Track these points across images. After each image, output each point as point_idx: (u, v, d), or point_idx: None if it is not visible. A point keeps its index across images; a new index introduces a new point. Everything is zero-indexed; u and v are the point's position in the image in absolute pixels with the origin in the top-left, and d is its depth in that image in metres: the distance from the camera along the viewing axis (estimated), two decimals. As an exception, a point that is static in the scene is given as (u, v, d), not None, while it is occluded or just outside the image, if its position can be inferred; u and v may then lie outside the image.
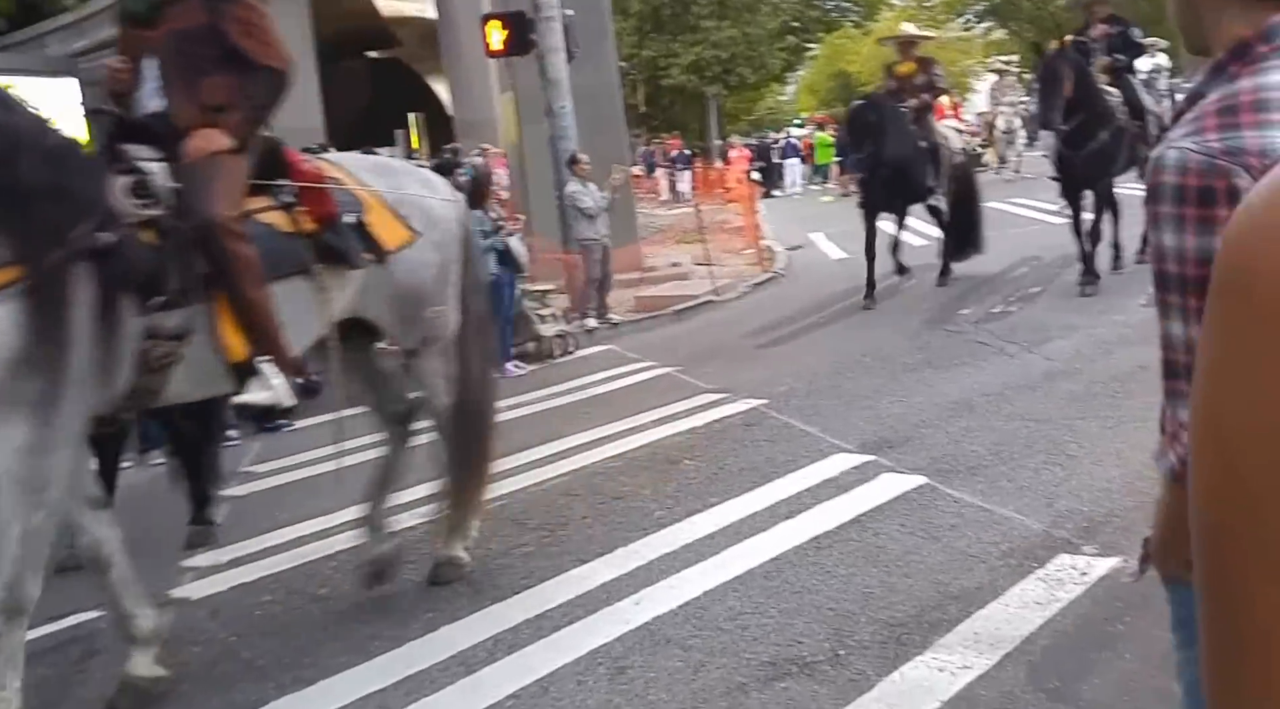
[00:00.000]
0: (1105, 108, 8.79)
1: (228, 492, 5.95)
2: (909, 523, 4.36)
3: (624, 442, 6.08)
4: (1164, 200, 1.26)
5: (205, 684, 3.59)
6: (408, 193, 4.09)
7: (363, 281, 3.87)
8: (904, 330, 8.38)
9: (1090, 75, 8.69)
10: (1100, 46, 9.39)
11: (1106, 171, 8.92)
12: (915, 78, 9.99)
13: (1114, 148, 8.88)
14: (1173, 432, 1.30)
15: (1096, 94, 8.70)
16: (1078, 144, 8.74)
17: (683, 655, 3.42)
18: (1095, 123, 8.64)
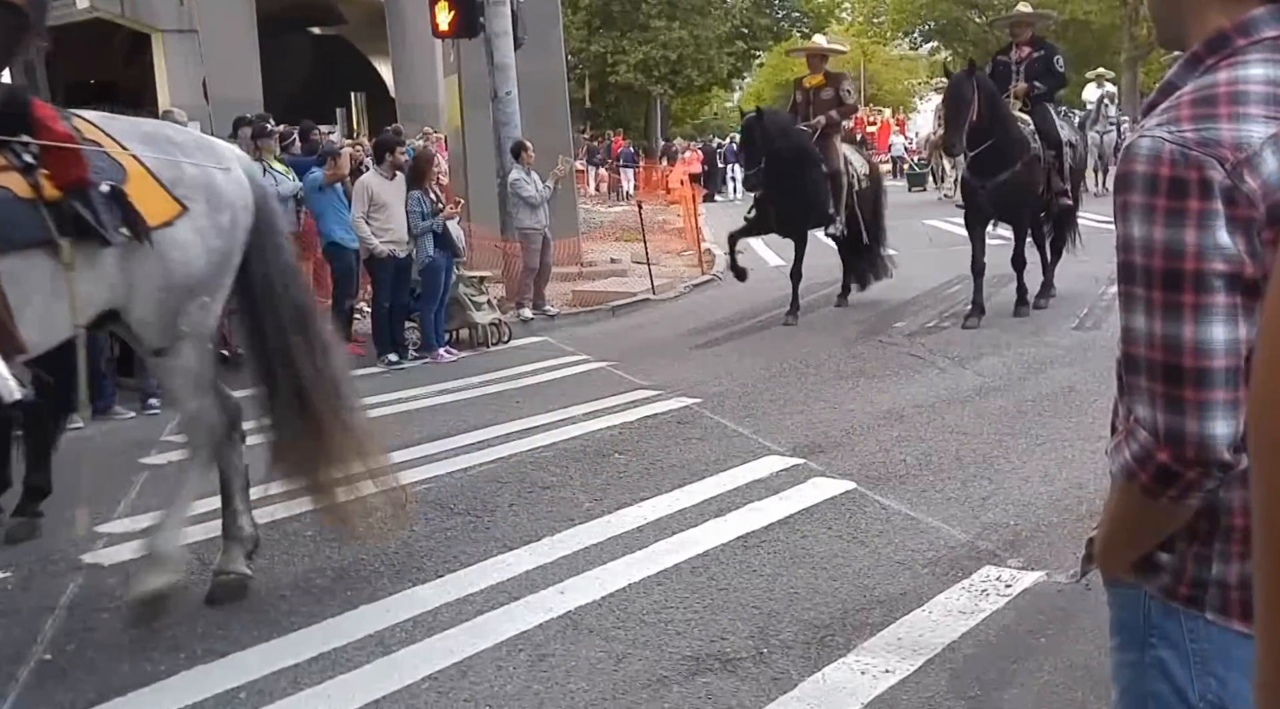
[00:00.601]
0: (1017, 136, 8.39)
1: (148, 459, 5.77)
2: (836, 527, 4.40)
3: (555, 432, 6.03)
4: (1134, 189, 1.23)
5: (115, 652, 3.46)
6: (186, 165, 3.58)
7: (120, 267, 3.38)
8: (838, 339, 8.48)
9: (1000, 100, 8.33)
10: (1020, 71, 8.98)
11: (1018, 203, 8.50)
12: (823, 92, 9.50)
13: (1025, 179, 8.45)
14: (1127, 429, 1.27)
15: (1007, 121, 8.32)
16: (985, 172, 8.40)
17: (605, 646, 3.39)
18: (1005, 151, 8.26)
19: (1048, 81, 8.93)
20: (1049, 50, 9.08)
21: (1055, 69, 8.99)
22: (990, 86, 8.23)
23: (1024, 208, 8.61)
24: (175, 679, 3.26)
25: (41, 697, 3.18)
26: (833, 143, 9.39)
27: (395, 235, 8.12)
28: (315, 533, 4.51)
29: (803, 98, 9.66)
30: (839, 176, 9.32)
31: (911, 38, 41.35)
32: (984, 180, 8.42)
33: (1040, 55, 8.97)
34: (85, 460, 5.83)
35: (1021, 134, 8.45)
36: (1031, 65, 8.93)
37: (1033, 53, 8.99)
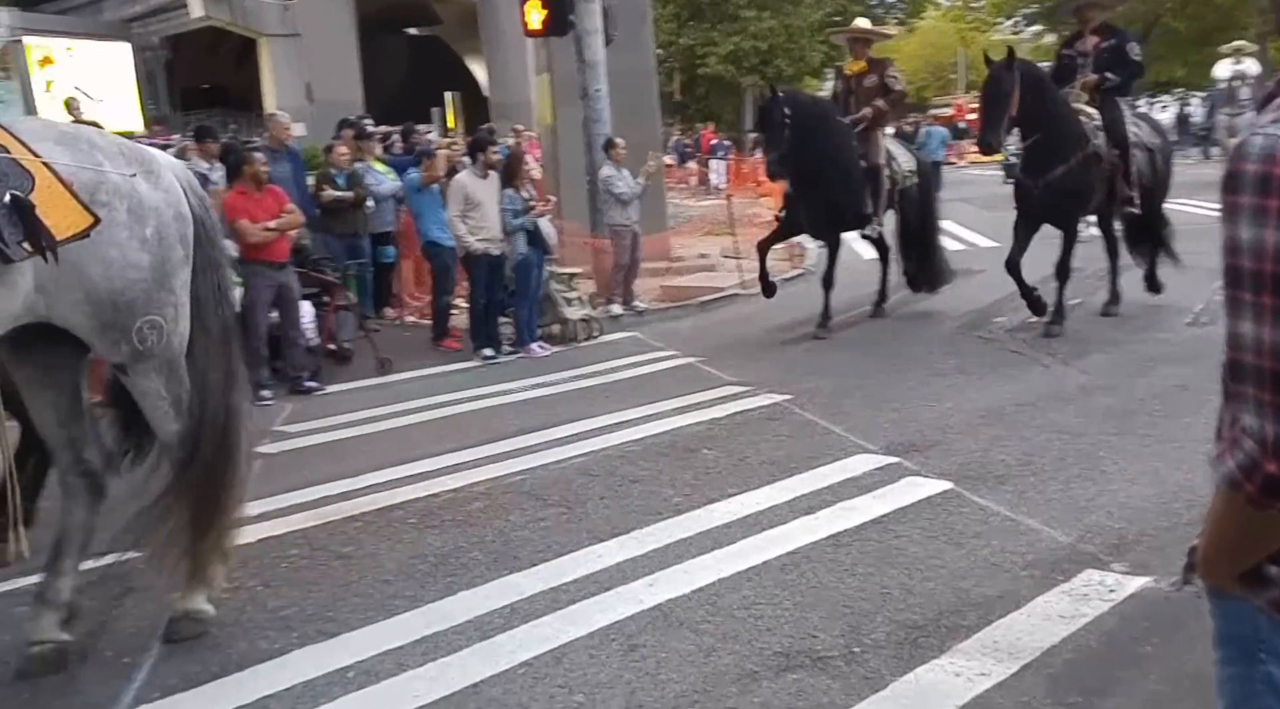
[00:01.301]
0: (1072, 130, 7.64)
1: (261, 448, 6.04)
2: (931, 527, 4.34)
3: (644, 427, 6.09)
4: (1244, 190, 1.18)
5: (233, 630, 3.66)
6: (110, 173, 3.29)
7: (35, 277, 3.09)
8: (936, 335, 8.32)
9: (1049, 89, 7.59)
10: (1088, 63, 8.13)
11: (1067, 205, 7.71)
12: (866, 79, 8.66)
13: (1079, 178, 7.66)
14: (1232, 437, 1.22)
15: (1060, 113, 7.59)
16: (1036, 170, 7.69)
17: (695, 639, 3.43)
18: (1057, 146, 7.55)
19: (1120, 72, 8.03)
20: (1121, 38, 8.21)
21: (1129, 58, 8.11)
22: (1037, 75, 7.54)
23: (1074, 210, 7.81)
24: (290, 656, 3.43)
25: (172, 668, 3.39)
26: (874, 136, 8.62)
27: (490, 233, 8.30)
28: (417, 520, 4.69)
29: (844, 87, 8.92)
30: (879, 172, 8.54)
31: (1015, 21, 40.11)
32: (1036, 178, 7.71)
33: (1111, 44, 8.08)
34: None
35: (1079, 129, 7.69)
36: (1100, 55, 8.07)
37: (1101, 42, 8.10)
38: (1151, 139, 8.33)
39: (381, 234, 9.67)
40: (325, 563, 4.24)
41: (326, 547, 4.41)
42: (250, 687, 3.25)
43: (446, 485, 5.13)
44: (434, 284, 9.23)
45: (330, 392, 7.49)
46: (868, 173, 8.45)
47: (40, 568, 4.22)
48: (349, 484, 5.21)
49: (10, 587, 4.11)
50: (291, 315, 7.46)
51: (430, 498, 4.97)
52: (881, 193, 8.56)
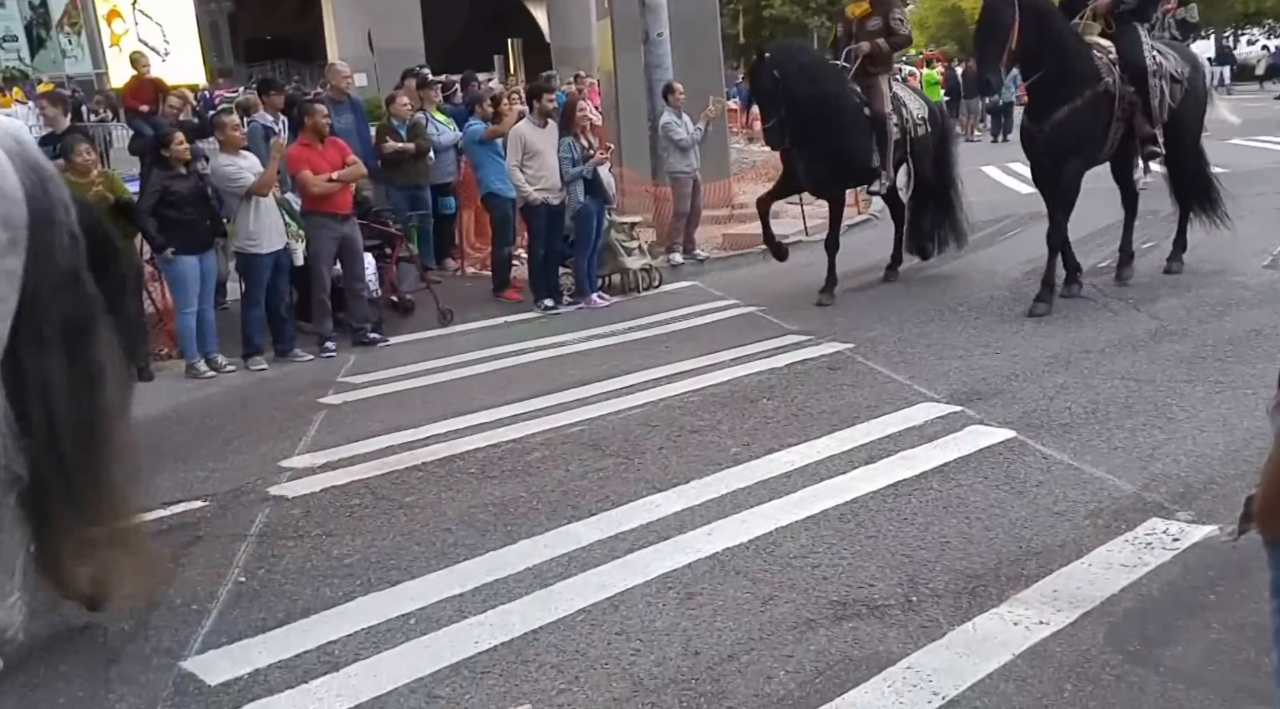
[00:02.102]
0: (1082, 66, 6.84)
1: (325, 399, 6.21)
2: (993, 476, 4.28)
3: (704, 377, 6.08)
4: None
5: (299, 578, 3.78)
6: None
7: None
8: (1002, 281, 8.13)
9: (1055, 19, 6.83)
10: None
11: (1070, 150, 6.91)
12: (869, 23, 7.95)
13: (1086, 118, 6.85)
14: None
15: (1067, 46, 6.80)
16: (1041, 112, 6.95)
17: (751, 588, 3.45)
18: (1063, 83, 6.77)
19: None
20: None
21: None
22: (1039, 4, 6.68)
23: (1072, 156, 6.93)
24: (353, 604, 3.53)
25: (239, 615, 3.52)
26: (877, 82, 7.87)
27: (548, 183, 8.28)
28: (478, 470, 4.78)
29: (845, 31, 8.21)
30: (883, 122, 7.84)
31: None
32: (1041, 122, 6.95)
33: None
34: (269, 400, 6.34)
35: (1090, 65, 6.88)
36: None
37: None
38: (1179, 68, 7.39)
39: (442, 185, 9.71)
40: (388, 512, 4.34)
41: (389, 496, 4.52)
42: (314, 633, 3.35)
43: (507, 436, 5.20)
44: (494, 235, 9.27)
45: (393, 343, 7.62)
46: (872, 122, 7.81)
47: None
48: (411, 434, 5.32)
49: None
50: (355, 268, 7.57)
51: (491, 448, 5.05)
52: (888, 144, 7.90)
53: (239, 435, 5.61)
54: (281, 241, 7.21)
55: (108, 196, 6.78)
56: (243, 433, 5.65)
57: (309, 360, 7.26)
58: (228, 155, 7.22)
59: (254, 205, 7.02)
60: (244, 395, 6.56)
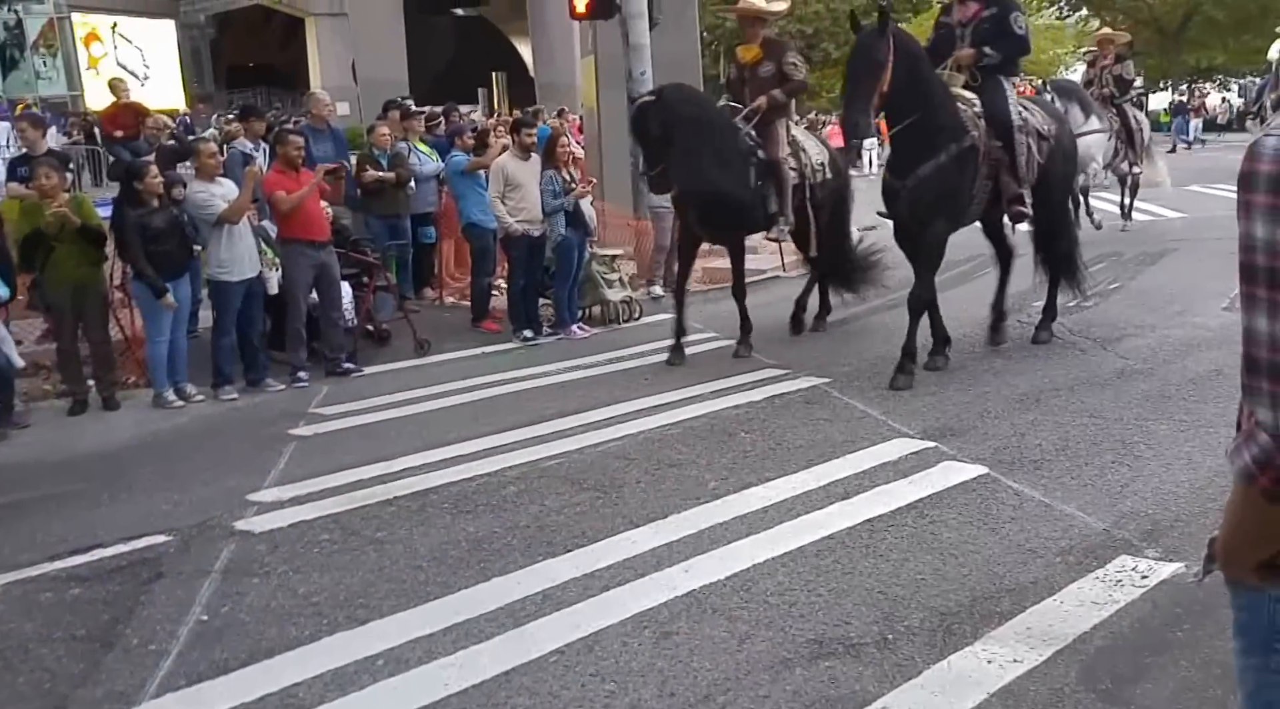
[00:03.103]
0: (948, 119, 6.34)
1: (295, 430, 6.15)
2: (966, 512, 4.31)
3: (682, 410, 6.09)
4: (1258, 189, 1.21)
5: (264, 616, 3.70)
6: None
7: None
8: (974, 319, 8.17)
9: (925, 66, 6.29)
10: (965, 35, 6.78)
11: (932, 210, 6.37)
12: (761, 68, 7.48)
13: (949, 177, 6.34)
14: (1249, 430, 1.25)
15: (935, 96, 6.29)
16: (903, 166, 6.44)
17: (728, 626, 3.43)
18: (927, 136, 6.27)
19: (1002, 47, 6.68)
20: (1003, 6, 6.73)
21: (1012, 30, 6.71)
22: (913, 49, 6.22)
23: (936, 216, 6.41)
24: (319, 644, 3.46)
25: (200, 655, 3.43)
26: (774, 128, 7.46)
27: (529, 215, 8.31)
28: (452, 505, 4.74)
29: (738, 75, 7.69)
30: (778, 166, 7.45)
31: (1058, 6, 39.49)
32: (903, 176, 6.42)
33: (992, 13, 6.71)
34: (237, 431, 6.26)
35: (956, 118, 6.39)
36: (979, 26, 6.73)
37: (981, 10, 6.74)
38: (1045, 125, 6.93)
39: (422, 215, 9.73)
40: (358, 548, 4.28)
41: (360, 532, 4.46)
42: (279, 674, 3.27)
43: (482, 469, 5.18)
44: (474, 265, 9.28)
45: (367, 373, 7.58)
46: (767, 167, 7.42)
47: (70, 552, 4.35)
48: (383, 468, 5.27)
49: (36, 572, 4.20)
50: (332, 296, 7.52)
51: (465, 482, 5.02)
52: (786, 189, 7.50)
53: (206, 467, 5.51)
54: (254, 270, 7.17)
55: (73, 220, 6.69)
56: (210, 465, 5.55)
57: (280, 390, 7.18)
58: (202, 182, 7.19)
59: (226, 233, 6.98)
60: (212, 426, 6.47)
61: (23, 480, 5.54)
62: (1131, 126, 11.86)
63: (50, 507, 5.05)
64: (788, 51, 7.73)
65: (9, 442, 6.38)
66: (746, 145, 7.36)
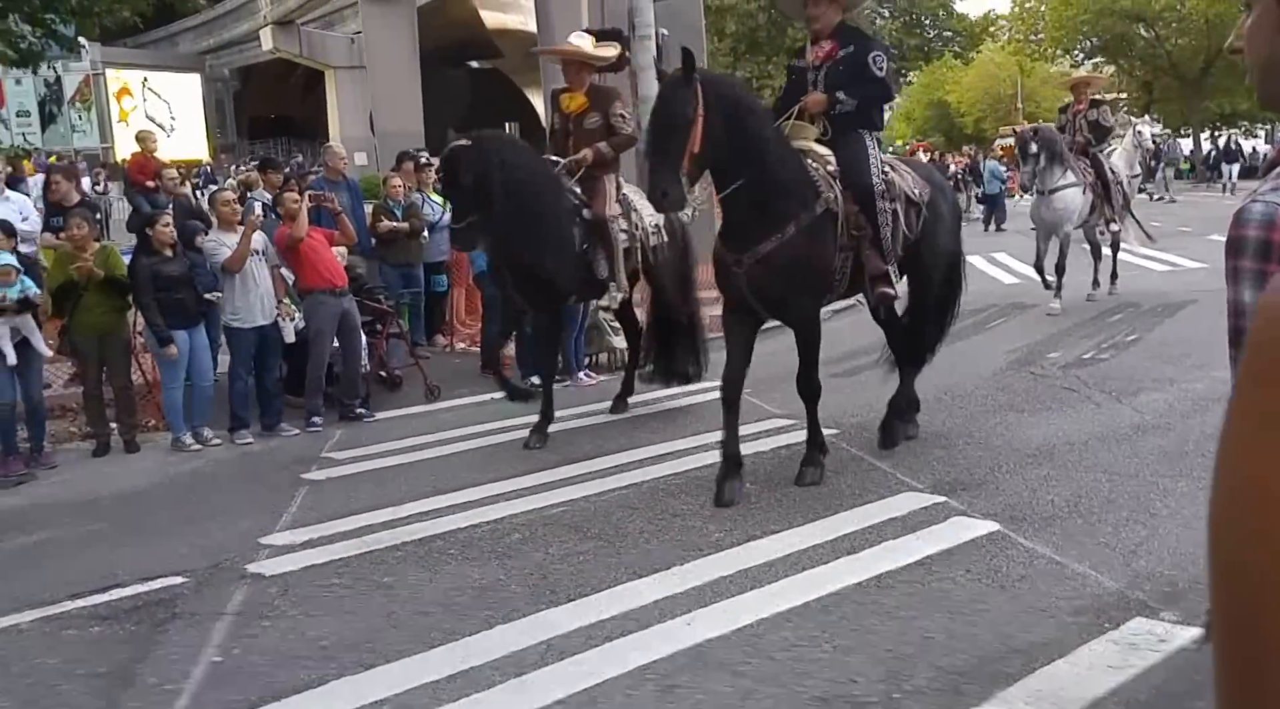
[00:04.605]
0: (792, 178, 5.24)
1: (308, 475, 6.18)
2: (976, 569, 4.26)
3: (687, 459, 6.08)
4: (1245, 255, 1.22)
5: (275, 658, 3.71)
6: None
7: None
8: (987, 371, 8.20)
9: (752, 115, 5.20)
10: (818, 77, 5.62)
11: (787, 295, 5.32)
12: (587, 119, 6.78)
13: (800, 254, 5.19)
14: None
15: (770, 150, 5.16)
16: (737, 240, 5.28)
17: (732, 681, 3.39)
18: (766, 204, 5.16)
19: (858, 91, 5.48)
20: (861, 45, 5.60)
21: (870, 73, 5.52)
22: (732, 94, 5.17)
23: (796, 294, 5.31)
24: (327, 687, 3.47)
25: (213, 696, 3.45)
26: (600, 184, 6.73)
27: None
28: (458, 551, 4.73)
29: (561, 125, 6.98)
30: (605, 226, 6.70)
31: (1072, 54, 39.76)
32: (740, 251, 5.23)
33: (848, 53, 5.53)
34: (252, 475, 6.31)
35: (804, 179, 5.26)
36: (833, 69, 5.55)
37: (835, 49, 5.56)
38: (916, 189, 5.74)
39: (435, 263, 9.84)
40: (366, 593, 4.29)
41: (368, 576, 4.47)
42: (288, 717, 3.28)
43: (488, 516, 5.18)
44: (484, 313, 9.36)
45: (379, 418, 7.62)
46: (593, 227, 6.69)
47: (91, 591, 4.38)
48: (392, 513, 5.29)
49: (59, 610, 4.24)
50: (352, 343, 7.62)
51: (472, 528, 5.02)
52: (616, 252, 6.76)
53: (221, 510, 5.57)
54: (268, 318, 7.26)
55: (96, 272, 6.85)
56: (224, 508, 5.62)
57: (295, 435, 7.25)
58: (216, 231, 7.35)
59: (240, 280, 7.09)
60: (228, 470, 6.53)
61: (48, 520, 5.68)
62: (1108, 178, 10.67)
63: (73, 546, 5.17)
64: (615, 101, 6.95)
65: (37, 482, 6.57)
66: (571, 202, 6.63)
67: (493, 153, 6.31)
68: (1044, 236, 10.61)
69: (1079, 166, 10.40)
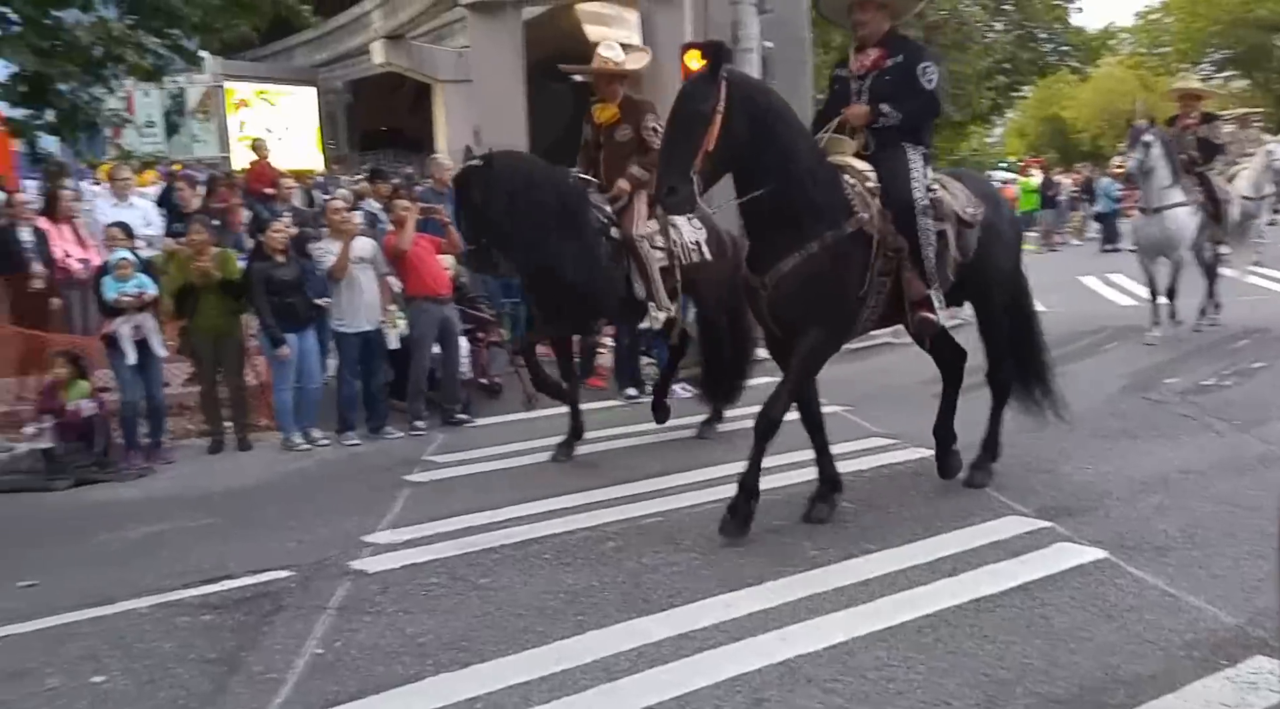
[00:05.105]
0: (824, 193, 4.84)
1: (411, 477, 6.37)
2: (1081, 597, 4.11)
3: (785, 476, 5.99)
4: None
5: (373, 654, 3.82)
6: None
7: None
8: (1100, 394, 7.89)
9: (782, 114, 4.84)
10: (862, 88, 5.23)
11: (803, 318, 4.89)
12: (618, 131, 6.60)
13: (832, 272, 4.81)
14: None
15: (800, 158, 4.80)
16: (760, 258, 4.93)
17: (822, 698, 3.35)
18: (794, 219, 4.78)
19: (905, 104, 5.09)
20: (911, 54, 5.20)
21: (919, 84, 5.10)
22: (762, 99, 4.77)
23: (810, 324, 4.85)
24: (423, 683, 3.56)
25: (314, 686, 3.58)
26: (632, 201, 6.54)
27: (640, 275, 8.44)
28: (553, 556, 4.81)
29: (593, 136, 6.75)
30: (634, 246, 6.43)
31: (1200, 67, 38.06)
32: (761, 272, 4.89)
33: (896, 63, 5.16)
34: (358, 475, 6.53)
35: (835, 192, 4.87)
36: (879, 79, 5.17)
37: (883, 58, 5.19)
38: (969, 207, 5.25)
39: (537, 274, 9.99)
40: (462, 593, 4.39)
41: (465, 577, 4.57)
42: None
43: (583, 523, 5.24)
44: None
45: (479, 424, 7.79)
46: (621, 247, 6.47)
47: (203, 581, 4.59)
48: (490, 516, 5.41)
49: (174, 597, 4.45)
50: (452, 350, 7.83)
51: (567, 534, 5.09)
52: (651, 272, 6.47)
53: (326, 508, 5.79)
54: (372, 324, 7.50)
55: (213, 274, 7.19)
56: (330, 506, 5.84)
57: (399, 438, 7.48)
58: (327, 240, 7.64)
59: (345, 287, 7.35)
60: (334, 470, 6.78)
61: (165, 513, 5.99)
62: (1218, 197, 9.87)
63: (188, 538, 5.45)
64: (647, 114, 6.62)
65: (155, 476, 6.95)
66: (598, 220, 6.41)
67: (506, 172, 6.18)
68: (1149, 259, 9.95)
69: (1189, 185, 9.68)
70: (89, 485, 6.73)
